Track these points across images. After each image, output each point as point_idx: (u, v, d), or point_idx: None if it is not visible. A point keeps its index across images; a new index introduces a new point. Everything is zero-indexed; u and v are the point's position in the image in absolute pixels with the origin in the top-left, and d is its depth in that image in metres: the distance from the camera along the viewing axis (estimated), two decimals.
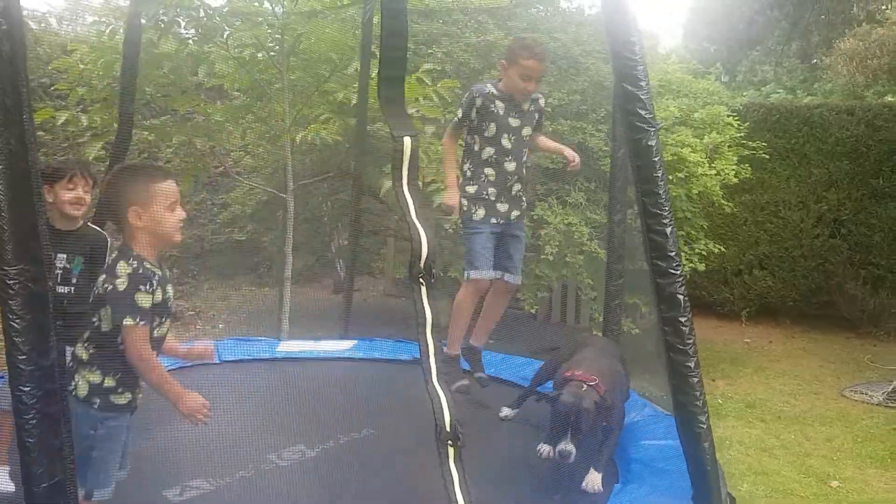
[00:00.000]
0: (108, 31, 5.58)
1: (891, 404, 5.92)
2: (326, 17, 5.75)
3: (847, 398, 6.16)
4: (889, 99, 8.11)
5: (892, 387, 6.01)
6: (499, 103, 3.99)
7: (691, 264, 6.55)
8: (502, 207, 4.06)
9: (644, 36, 3.16)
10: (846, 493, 4.41)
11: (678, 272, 2.49)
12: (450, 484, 2.11)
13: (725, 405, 5.88)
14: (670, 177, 6.34)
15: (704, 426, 2.49)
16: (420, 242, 2.13)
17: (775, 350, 7.60)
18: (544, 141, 4.31)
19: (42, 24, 7.81)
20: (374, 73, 5.50)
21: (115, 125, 4.69)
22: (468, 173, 4.10)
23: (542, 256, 6.16)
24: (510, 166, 4.03)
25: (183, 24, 5.45)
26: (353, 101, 5.56)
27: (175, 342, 2.79)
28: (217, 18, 5.47)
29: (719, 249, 6.94)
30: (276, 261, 7.30)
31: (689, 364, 2.48)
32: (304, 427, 3.74)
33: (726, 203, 6.97)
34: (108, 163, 4.55)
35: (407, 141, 2.12)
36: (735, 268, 8.40)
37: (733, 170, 6.71)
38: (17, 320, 1.58)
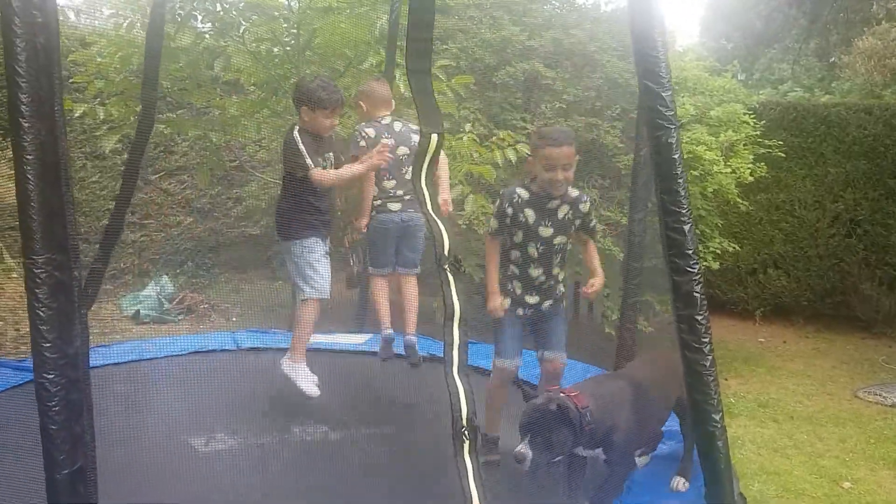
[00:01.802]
0: (125, 24, 5.62)
1: None
2: (342, 13, 5.77)
3: (861, 399, 6.13)
4: None
5: None
6: (528, 211, 3.84)
7: (705, 263, 6.52)
8: (531, 300, 3.96)
9: None
10: (858, 495, 4.39)
11: (696, 270, 2.49)
12: (464, 476, 2.12)
13: (738, 404, 5.87)
14: (686, 175, 6.31)
15: (719, 425, 2.49)
16: (441, 233, 2.14)
17: (789, 350, 7.57)
18: (588, 254, 4.15)
19: (60, 18, 7.86)
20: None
21: (132, 118, 4.73)
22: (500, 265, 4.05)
23: None
24: (535, 272, 3.91)
25: (200, 18, 5.49)
26: None
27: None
28: (234, 13, 5.50)
29: (734, 248, 6.91)
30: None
31: (705, 363, 2.49)
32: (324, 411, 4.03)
33: (742, 201, 6.93)
34: (128, 152, 4.56)
35: (434, 137, 2.13)
36: (749, 267, 8.36)
37: (749, 168, 6.67)
38: (43, 309, 1.60)
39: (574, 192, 3.94)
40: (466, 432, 2.11)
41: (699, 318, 2.47)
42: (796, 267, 8.23)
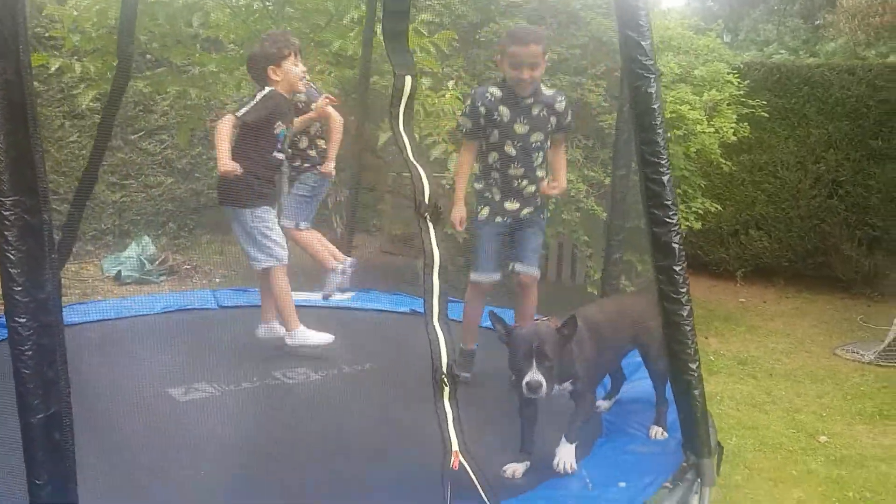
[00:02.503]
0: None
1: (881, 363, 5.97)
2: None
3: (839, 357, 6.22)
4: (891, 59, 8.03)
5: (883, 346, 6.06)
6: (503, 109, 3.78)
7: (687, 223, 6.55)
8: (510, 206, 3.90)
9: None
10: (834, 448, 4.47)
11: (674, 221, 2.50)
12: (444, 421, 2.14)
13: (717, 362, 5.94)
14: (669, 134, 6.30)
15: (696, 374, 2.52)
16: (421, 180, 2.12)
17: (769, 309, 7.65)
18: (556, 157, 4.02)
19: None
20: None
21: (110, 74, 4.65)
22: (478, 171, 4.00)
23: None
24: (516, 171, 3.84)
25: None
26: (350, 52, 5.51)
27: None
28: None
29: (716, 208, 6.93)
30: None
31: (682, 312, 2.51)
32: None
33: (724, 162, 6.95)
34: (103, 107, 4.50)
35: (408, 79, 2.10)
36: (731, 228, 8.41)
37: (732, 128, 6.68)
38: (13, 251, 1.58)
39: (548, 91, 3.88)
40: (446, 379, 2.12)
41: (677, 268, 2.49)
42: (778, 228, 8.29)
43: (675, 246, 2.49)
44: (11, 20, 1.51)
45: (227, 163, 3.75)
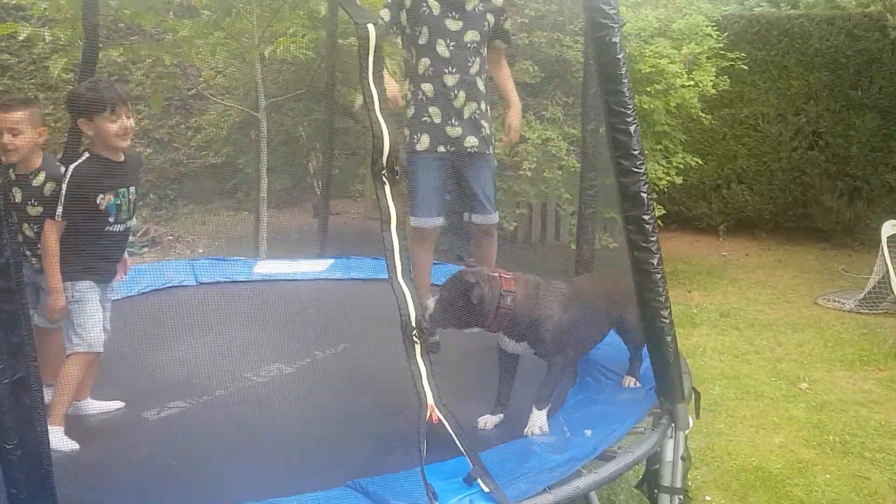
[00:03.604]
0: None
1: (862, 310, 6.04)
2: None
3: (820, 306, 6.28)
4: (871, 9, 7.99)
5: (863, 293, 6.12)
6: (432, 1, 3.35)
7: (668, 178, 6.56)
8: (453, 132, 3.43)
9: None
10: (815, 394, 4.53)
11: (642, 170, 2.50)
12: (417, 379, 2.15)
13: (700, 314, 5.98)
14: (648, 89, 6.30)
15: (667, 321, 2.54)
16: (381, 138, 2.11)
17: (751, 262, 7.69)
18: (502, 75, 3.69)
19: None
20: None
21: (80, 42, 4.57)
22: (408, 95, 3.49)
23: (521, 172, 6.15)
24: (451, 79, 3.39)
25: None
26: (323, 14, 5.44)
27: None
28: None
29: (696, 162, 6.94)
30: (253, 184, 7.28)
31: (652, 261, 2.52)
32: (280, 346, 3.77)
33: (705, 116, 6.94)
34: (77, 80, 4.44)
35: (370, 28, 2.07)
36: (713, 182, 8.42)
37: (711, 81, 6.66)
38: None
39: None
40: (416, 334, 2.13)
41: (646, 217, 2.50)
42: (759, 181, 8.31)
43: (644, 195, 2.50)
44: None
45: (58, 298, 2.90)
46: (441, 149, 3.44)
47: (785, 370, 4.91)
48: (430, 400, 2.20)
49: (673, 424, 2.65)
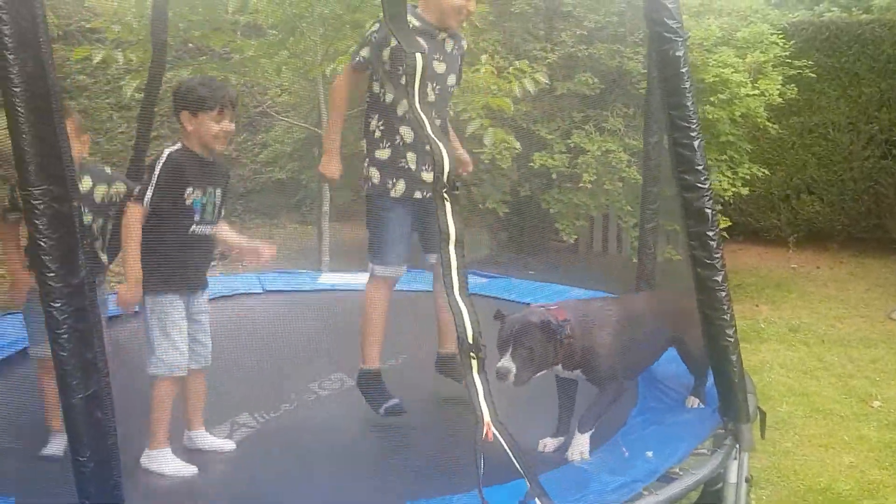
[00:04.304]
0: None
1: None
2: None
3: (894, 321, 6.06)
4: None
5: None
6: (421, 41, 2.99)
7: (734, 188, 6.43)
8: (427, 177, 3.17)
9: None
10: (887, 413, 4.38)
11: (706, 186, 2.47)
12: (475, 395, 2.15)
13: (768, 329, 5.84)
14: (712, 98, 6.20)
15: (732, 339, 2.49)
16: (441, 157, 2.13)
17: (822, 275, 7.47)
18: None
19: None
20: None
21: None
22: (377, 133, 3.22)
23: (581, 185, 6.12)
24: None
25: None
26: None
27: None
28: None
29: (763, 173, 6.78)
30: (316, 199, 7.39)
31: (717, 278, 2.48)
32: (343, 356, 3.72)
33: (772, 125, 6.78)
34: (144, 96, 4.60)
35: (418, 57, 2.11)
36: (782, 193, 8.21)
37: (778, 90, 6.51)
38: (44, 239, 1.65)
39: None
40: (474, 352, 2.13)
41: (710, 234, 2.46)
42: (830, 191, 8.06)
43: (708, 211, 2.46)
44: (30, 13, 1.56)
45: (135, 288, 2.82)
46: (417, 195, 3.26)
47: (856, 387, 4.75)
48: (487, 417, 2.19)
49: (737, 445, 2.59)
